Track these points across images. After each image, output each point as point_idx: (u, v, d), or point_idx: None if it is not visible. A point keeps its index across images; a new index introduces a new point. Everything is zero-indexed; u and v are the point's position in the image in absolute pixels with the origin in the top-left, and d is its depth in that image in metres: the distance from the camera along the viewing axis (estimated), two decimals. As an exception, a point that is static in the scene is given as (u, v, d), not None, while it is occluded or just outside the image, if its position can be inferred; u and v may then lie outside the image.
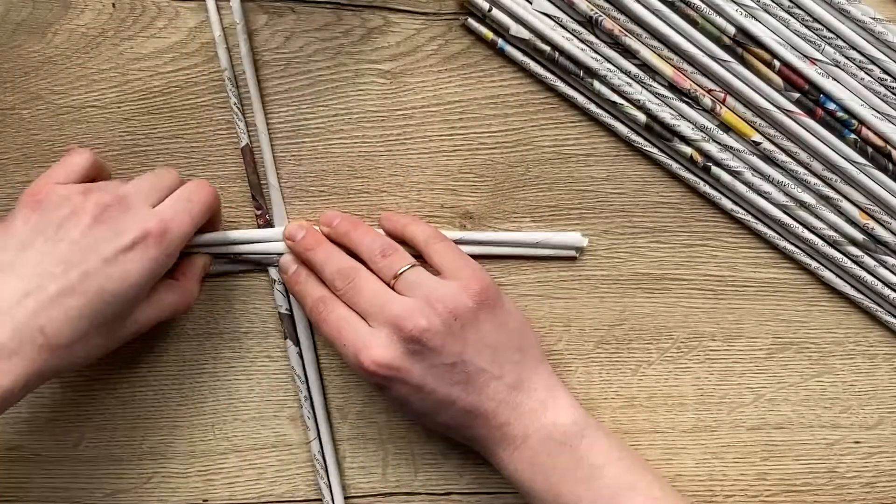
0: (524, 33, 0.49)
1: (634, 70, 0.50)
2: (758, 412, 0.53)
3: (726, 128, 0.50)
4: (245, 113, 0.50)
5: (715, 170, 0.51)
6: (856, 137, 0.50)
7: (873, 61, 0.49)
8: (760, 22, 0.49)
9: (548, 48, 0.49)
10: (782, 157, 0.50)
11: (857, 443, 0.54)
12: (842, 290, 0.52)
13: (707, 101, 0.50)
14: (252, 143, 0.51)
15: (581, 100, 0.50)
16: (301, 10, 0.50)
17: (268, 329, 0.52)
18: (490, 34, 0.50)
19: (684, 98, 0.50)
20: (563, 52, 0.49)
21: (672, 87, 0.50)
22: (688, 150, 0.50)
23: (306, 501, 0.53)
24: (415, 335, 0.44)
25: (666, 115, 0.50)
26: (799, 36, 0.49)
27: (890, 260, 0.52)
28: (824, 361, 0.53)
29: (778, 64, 0.49)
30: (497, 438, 0.47)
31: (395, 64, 0.50)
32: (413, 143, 0.51)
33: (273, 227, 0.51)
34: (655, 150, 0.51)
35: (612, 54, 0.50)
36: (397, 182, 0.51)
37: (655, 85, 0.50)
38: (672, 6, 0.49)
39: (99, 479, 0.53)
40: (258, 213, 0.51)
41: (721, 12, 0.49)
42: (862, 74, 0.49)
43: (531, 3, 0.49)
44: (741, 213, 0.52)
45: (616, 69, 0.50)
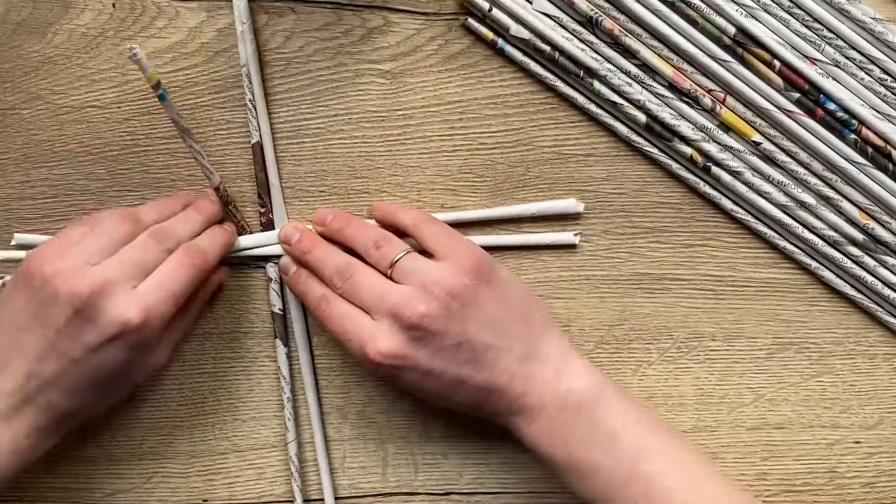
0: (524, 33, 0.49)
1: (634, 70, 0.50)
2: (758, 412, 0.53)
3: (726, 128, 0.50)
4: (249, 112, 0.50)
5: (715, 170, 0.51)
6: (856, 137, 0.50)
7: (873, 61, 0.49)
8: (760, 22, 0.49)
9: (548, 48, 0.49)
10: (782, 157, 0.50)
11: (857, 443, 0.54)
12: (842, 290, 0.52)
13: (707, 101, 0.50)
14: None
15: (581, 100, 0.50)
16: (301, 10, 0.50)
17: (267, 329, 0.52)
18: (490, 34, 0.50)
19: (684, 98, 0.50)
20: (563, 52, 0.49)
21: (672, 87, 0.50)
22: (688, 150, 0.50)
23: (306, 501, 0.53)
24: (415, 322, 0.45)
25: (666, 115, 0.50)
26: (799, 36, 0.49)
27: (890, 260, 0.52)
28: (824, 361, 0.53)
29: (778, 64, 0.49)
30: (515, 411, 0.47)
31: (395, 64, 0.50)
32: (413, 143, 0.51)
33: (274, 225, 0.51)
34: (655, 150, 0.51)
35: (612, 54, 0.50)
36: (397, 182, 0.51)
37: (655, 85, 0.50)
38: (672, 6, 0.49)
39: (99, 479, 0.53)
40: (262, 210, 0.51)
41: (721, 12, 0.49)
42: (862, 74, 0.49)
43: (531, 3, 0.49)
44: (741, 213, 0.51)
45: (616, 69, 0.50)
